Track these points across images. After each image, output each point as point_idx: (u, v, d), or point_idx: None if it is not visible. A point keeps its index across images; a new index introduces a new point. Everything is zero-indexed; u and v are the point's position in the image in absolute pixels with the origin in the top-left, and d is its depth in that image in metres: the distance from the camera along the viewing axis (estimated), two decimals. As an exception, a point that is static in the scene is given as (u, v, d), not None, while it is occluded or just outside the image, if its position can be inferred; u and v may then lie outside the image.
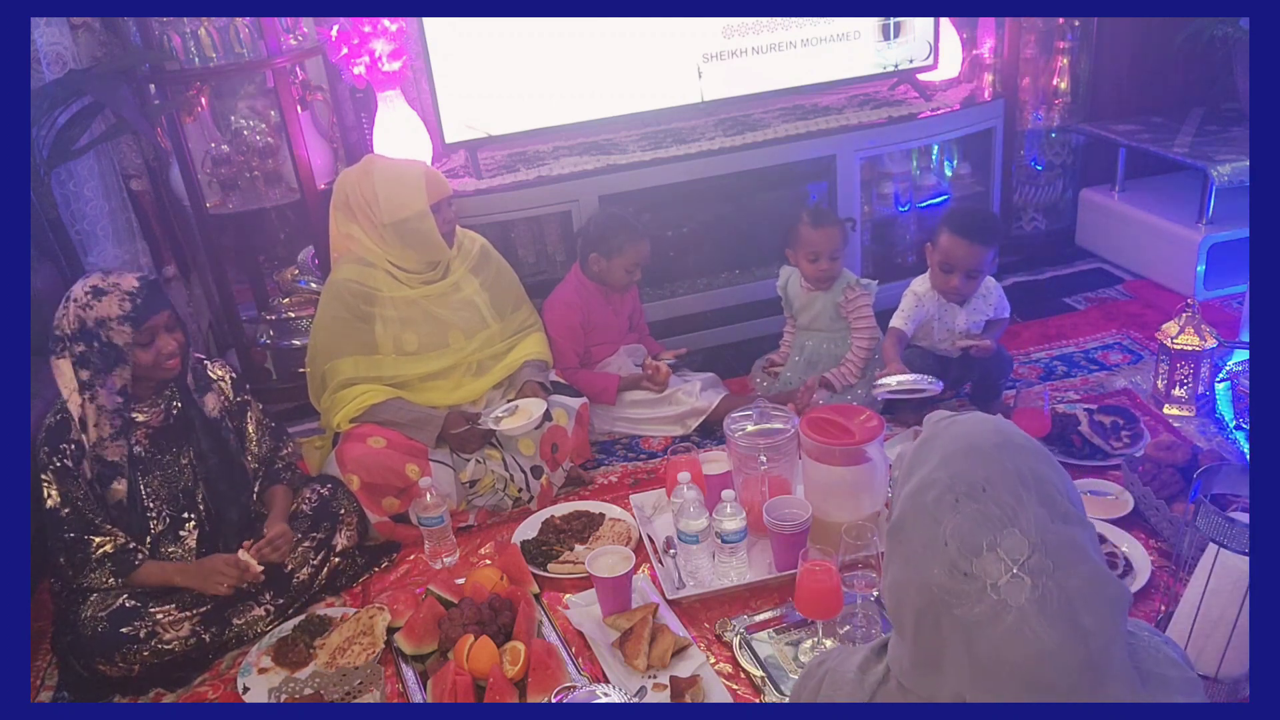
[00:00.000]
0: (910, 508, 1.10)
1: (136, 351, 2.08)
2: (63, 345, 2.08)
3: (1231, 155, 3.28)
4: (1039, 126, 3.74)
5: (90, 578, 2.10)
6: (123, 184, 3.27)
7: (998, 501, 1.05)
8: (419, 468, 2.47)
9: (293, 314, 3.34)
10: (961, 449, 1.10)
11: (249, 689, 2.03)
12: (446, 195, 2.60)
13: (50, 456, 2.09)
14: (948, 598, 1.05)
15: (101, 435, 2.10)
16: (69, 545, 2.09)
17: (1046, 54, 3.65)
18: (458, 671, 1.92)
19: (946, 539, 1.06)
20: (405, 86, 3.19)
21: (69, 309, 2.06)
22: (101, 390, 2.07)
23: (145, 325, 2.06)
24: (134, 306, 2.05)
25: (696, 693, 1.87)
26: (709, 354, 3.29)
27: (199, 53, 2.93)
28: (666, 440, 2.85)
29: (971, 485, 1.07)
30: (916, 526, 1.09)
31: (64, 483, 2.09)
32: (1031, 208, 3.87)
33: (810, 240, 2.78)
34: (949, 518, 1.06)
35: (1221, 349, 2.75)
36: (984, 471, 1.07)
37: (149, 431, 2.18)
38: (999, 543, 1.04)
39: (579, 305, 2.88)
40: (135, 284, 2.08)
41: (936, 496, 1.08)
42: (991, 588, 1.03)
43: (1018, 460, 1.09)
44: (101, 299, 2.04)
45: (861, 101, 3.52)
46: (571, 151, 3.28)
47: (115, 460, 2.13)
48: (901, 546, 1.11)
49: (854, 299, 2.81)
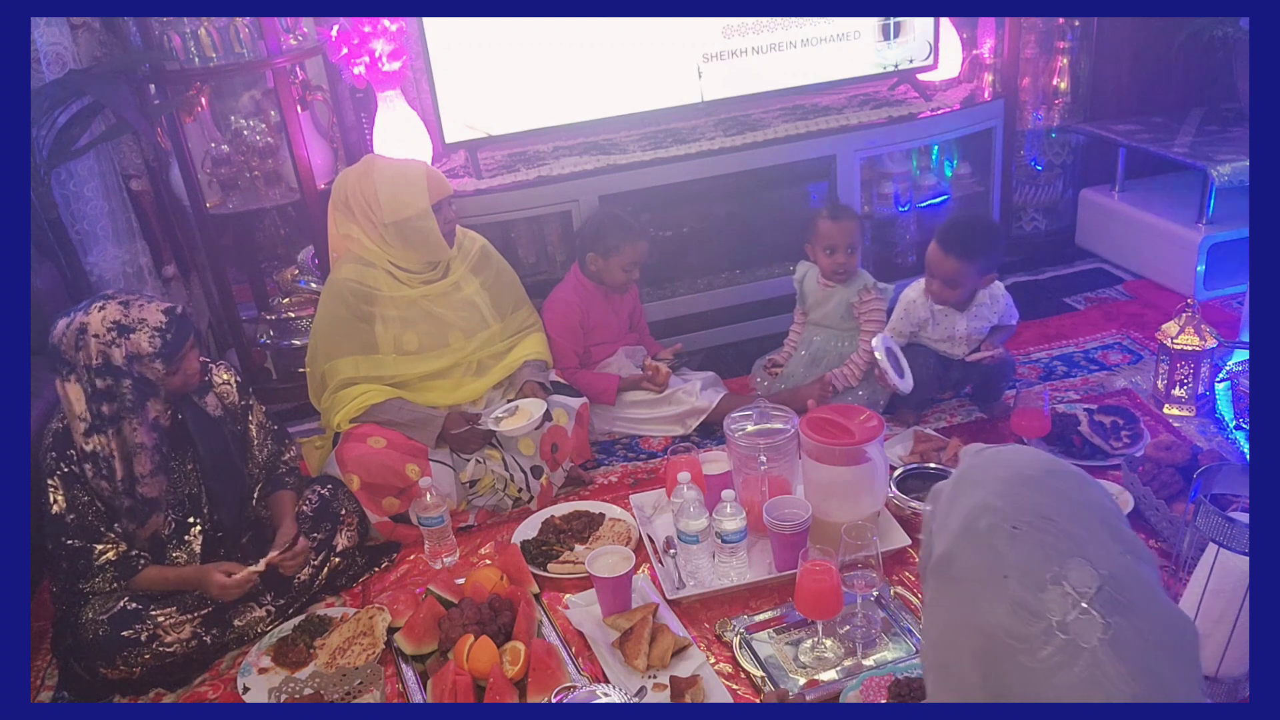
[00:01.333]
0: (961, 541, 1.00)
1: (168, 380, 2.06)
2: (70, 369, 2.01)
3: (1231, 155, 3.28)
4: (1039, 126, 3.74)
5: (92, 583, 2.09)
6: (123, 184, 3.27)
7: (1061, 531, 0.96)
8: (419, 468, 2.47)
9: (293, 314, 3.33)
10: (1012, 476, 1.01)
11: (249, 689, 2.03)
12: (448, 195, 2.60)
13: (58, 462, 2.05)
14: (1011, 642, 0.93)
15: (140, 472, 2.06)
16: (72, 552, 2.07)
17: (1046, 54, 3.65)
18: (458, 671, 1.92)
19: (1007, 572, 0.95)
20: (405, 86, 3.19)
21: (86, 342, 1.99)
22: (136, 425, 2.03)
23: (178, 355, 2.05)
24: (164, 343, 2.02)
25: (696, 693, 1.87)
26: (709, 354, 3.29)
27: (199, 53, 2.93)
28: (666, 440, 2.85)
29: (1031, 513, 0.97)
30: (970, 560, 0.98)
31: (70, 489, 2.06)
32: (1031, 208, 3.87)
33: (828, 233, 2.78)
34: (1008, 548, 0.96)
35: (1221, 349, 2.75)
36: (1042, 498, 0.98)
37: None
38: (1065, 574, 0.93)
39: (578, 305, 2.88)
40: (163, 319, 2.03)
41: (991, 525, 0.98)
42: (1059, 626, 0.92)
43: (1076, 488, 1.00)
44: (129, 336, 1.99)
45: (861, 101, 3.52)
46: (571, 151, 3.28)
47: (155, 497, 2.10)
48: (952, 585, 1.00)
49: (868, 301, 2.81)
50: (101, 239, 3.19)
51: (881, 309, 2.81)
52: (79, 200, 3.13)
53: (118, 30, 3.10)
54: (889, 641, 2.00)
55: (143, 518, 2.10)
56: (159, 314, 2.04)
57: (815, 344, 2.91)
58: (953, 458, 2.49)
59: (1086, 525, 0.96)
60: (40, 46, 2.95)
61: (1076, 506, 0.98)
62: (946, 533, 1.02)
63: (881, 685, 1.83)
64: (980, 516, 0.99)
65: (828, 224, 2.79)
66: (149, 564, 2.12)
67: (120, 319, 2.01)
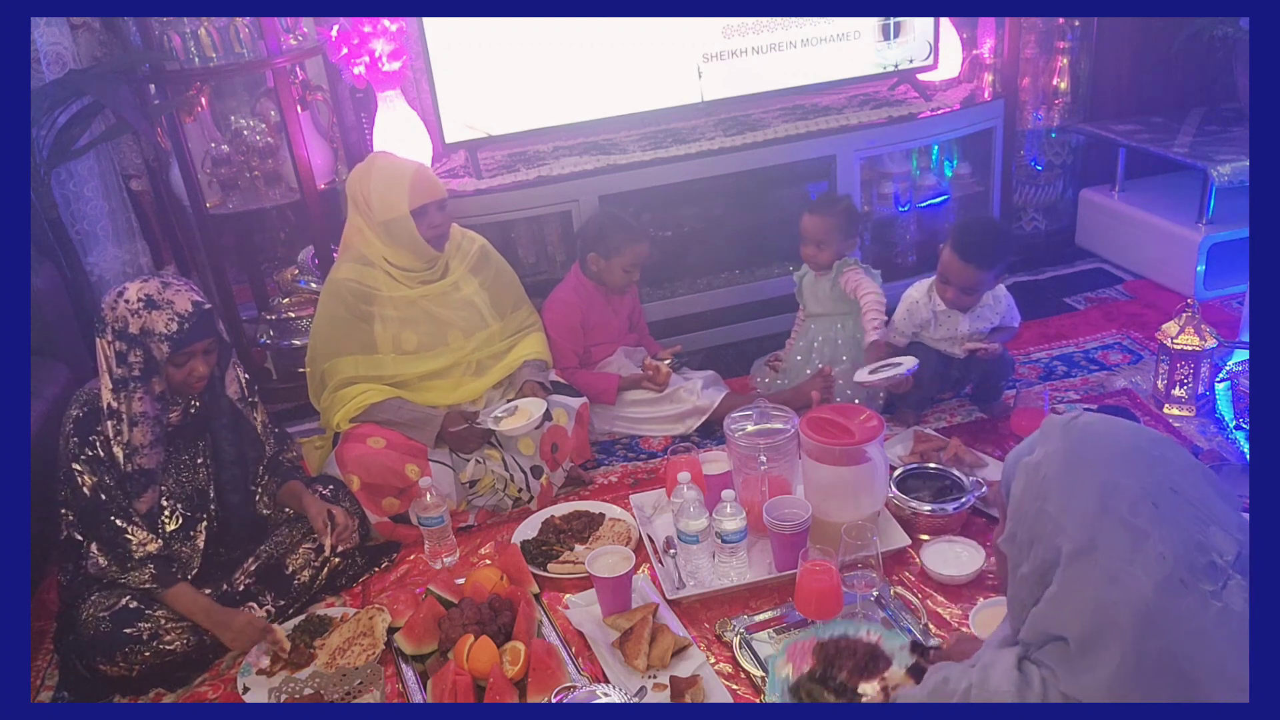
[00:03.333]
0: (1102, 524, 1.00)
1: (168, 368, 2.08)
2: (103, 329, 2.06)
3: (1231, 155, 3.28)
4: (1039, 126, 3.74)
5: (131, 575, 2.07)
6: (122, 184, 3.27)
7: (1189, 500, 0.97)
8: (419, 468, 2.47)
9: (292, 314, 3.33)
10: (1127, 450, 1.02)
11: (249, 689, 2.03)
12: (436, 199, 2.56)
13: (80, 447, 2.07)
14: (1172, 612, 0.95)
15: (140, 442, 2.09)
16: (110, 536, 2.07)
17: (1046, 54, 3.64)
18: (458, 672, 1.92)
19: (1160, 549, 0.96)
20: (405, 86, 3.18)
21: (119, 305, 2.04)
22: (142, 395, 2.07)
23: (184, 350, 2.06)
24: (179, 330, 2.04)
25: (696, 693, 1.87)
26: (709, 354, 3.29)
27: (199, 52, 2.93)
28: (666, 440, 2.85)
29: (1161, 487, 0.98)
30: (1118, 541, 0.99)
31: (97, 470, 2.07)
32: (1031, 208, 3.87)
33: (804, 226, 2.82)
34: (1152, 526, 0.97)
35: (1222, 349, 2.75)
36: (1162, 470, 0.99)
37: (169, 431, 2.18)
38: (1209, 543, 0.95)
39: (578, 305, 2.88)
40: (189, 307, 2.06)
41: (1131, 505, 0.99)
42: (1213, 594, 0.94)
43: (1175, 453, 1.01)
44: (153, 311, 2.03)
45: (861, 101, 3.52)
46: (571, 151, 3.28)
47: (151, 469, 2.12)
48: (1097, 569, 1.00)
49: (849, 273, 2.82)
50: (101, 239, 3.19)
51: (862, 274, 2.80)
52: (79, 200, 3.13)
53: (117, 30, 3.10)
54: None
55: (139, 489, 2.11)
56: (188, 303, 2.07)
57: (812, 333, 2.91)
58: (953, 458, 2.49)
59: (1202, 490, 0.98)
60: (40, 46, 2.95)
61: (1188, 472, 1.00)
62: (1077, 516, 1.03)
63: (806, 649, 1.81)
64: (1115, 497, 1.00)
65: (805, 217, 2.83)
66: (182, 582, 2.11)
67: (153, 294, 2.05)
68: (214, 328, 2.12)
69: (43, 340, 2.74)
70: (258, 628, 2.10)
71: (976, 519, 2.34)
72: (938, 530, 2.28)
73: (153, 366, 2.07)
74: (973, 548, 2.19)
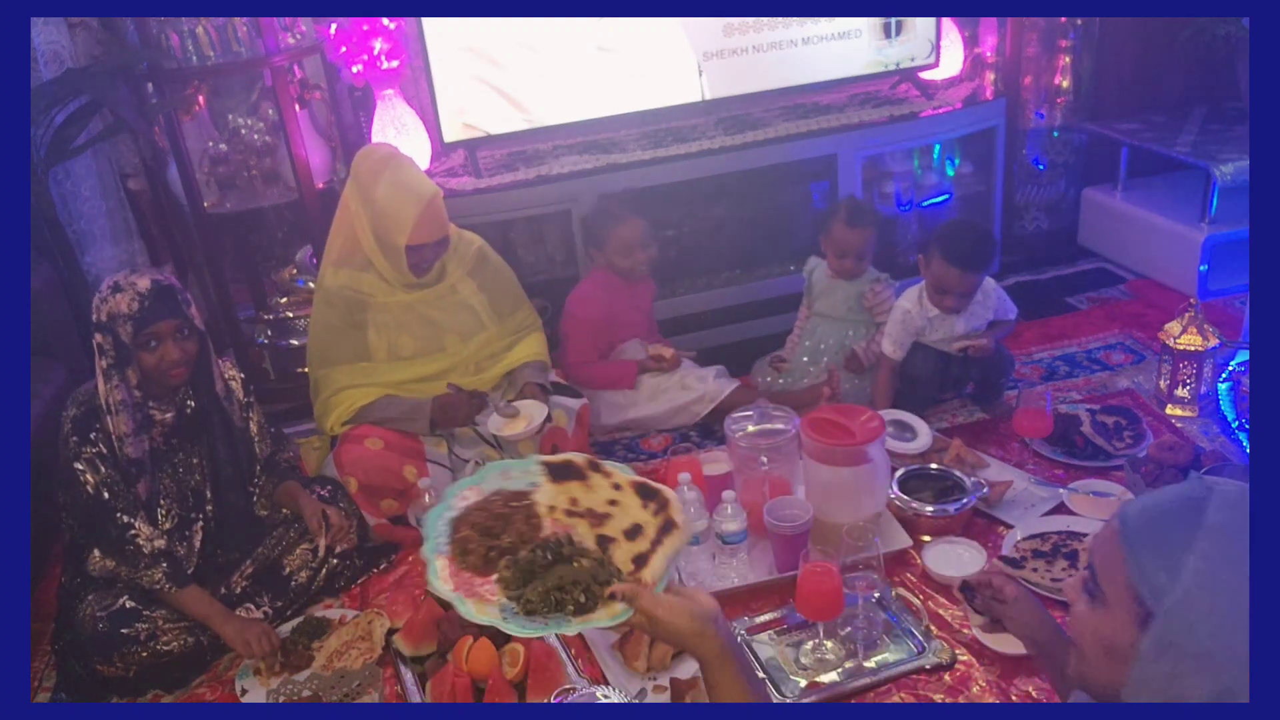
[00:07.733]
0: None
1: (140, 354, 2.06)
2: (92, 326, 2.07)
3: (1234, 154, 3.26)
4: (1041, 125, 3.72)
5: (144, 575, 2.06)
6: (120, 183, 3.26)
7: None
8: (417, 469, 2.46)
9: (290, 314, 3.32)
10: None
11: (247, 691, 2.02)
12: (435, 240, 2.50)
13: (80, 446, 2.06)
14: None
15: (124, 431, 2.08)
16: (117, 534, 2.06)
17: (1049, 52, 3.63)
18: (457, 673, 1.91)
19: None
20: (404, 85, 3.18)
21: (95, 297, 2.06)
22: (118, 383, 2.06)
23: (147, 330, 2.04)
24: (140, 308, 2.03)
25: (697, 694, 1.86)
26: (710, 353, 3.27)
27: (197, 51, 2.92)
28: (667, 440, 2.84)
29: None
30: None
31: (98, 469, 2.06)
32: (1033, 207, 3.86)
33: (841, 238, 2.78)
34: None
35: (1224, 349, 2.74)
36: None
37: (164, 429, 2.17)
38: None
39: (602, 299, 2.87)
40: (148, 285, 2.05)
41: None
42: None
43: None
44: (116, 295, 2.03)
45: (863, 100, 3.51)
46: (571, 151, 3.27)
47: (138, 458, 2.11)
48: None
49: (879, 292, 2.82)
50: (99, 238, 3.18)
51: (891, 295, 2.80)
52: (76, 199, 3.12)
53: (115, 29, 3.09)
54: (890, 643, 1.99)
55: (130, 480, 2.09)
56: (146, 282, 2.06)
57: (819, 334, 2.90)
58: (954, 458, 2.48)
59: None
60: (38, 45, 2.94)
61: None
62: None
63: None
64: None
65: (842, 229, 2.78)
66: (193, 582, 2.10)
67: (119, 280, 2.05)
68: (179, 308, 2.08)
69: (40, 340, 2.73)
70: (271, 640, 2.08)
71: (978, 520, 2.33)
72: (939, 531, 2.27)
73: (125, 354, 2.05)
74: (974, 549, 2.18)
